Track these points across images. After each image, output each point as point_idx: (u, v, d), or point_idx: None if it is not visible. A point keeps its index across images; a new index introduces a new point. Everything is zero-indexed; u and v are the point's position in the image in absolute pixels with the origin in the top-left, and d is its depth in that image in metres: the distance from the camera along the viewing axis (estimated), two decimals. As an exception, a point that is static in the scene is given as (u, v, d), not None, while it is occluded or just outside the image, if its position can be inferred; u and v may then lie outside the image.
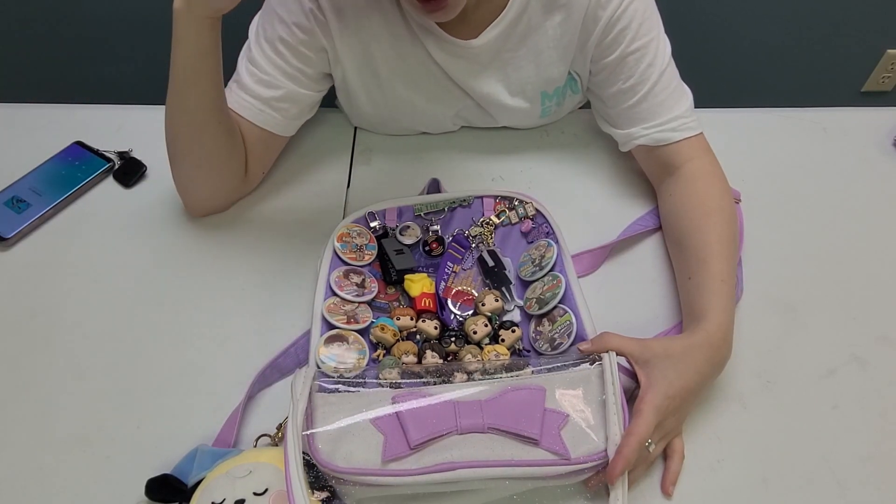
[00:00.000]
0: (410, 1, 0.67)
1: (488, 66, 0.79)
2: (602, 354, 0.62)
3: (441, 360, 0.66)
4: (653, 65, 0.75)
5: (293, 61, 0.76)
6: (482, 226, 0.78)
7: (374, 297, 0.72)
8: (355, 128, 0.92)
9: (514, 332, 0.69)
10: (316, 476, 0.55)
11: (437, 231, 0.77)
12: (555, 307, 0.69)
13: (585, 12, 0.74)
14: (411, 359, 0.66)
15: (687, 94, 0.78)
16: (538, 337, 0.70)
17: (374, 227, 0.77)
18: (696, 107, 0.79)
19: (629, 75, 0.76)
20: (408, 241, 0.76)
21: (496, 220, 0.78)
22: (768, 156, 0.91)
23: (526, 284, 0.74)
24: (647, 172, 0.83)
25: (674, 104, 0.76)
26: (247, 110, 0.76)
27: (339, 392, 0.59)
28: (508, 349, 0.68)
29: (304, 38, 0.75)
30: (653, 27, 0.75)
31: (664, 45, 0.76)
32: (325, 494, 0.55)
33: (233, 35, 0.76)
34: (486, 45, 0.76)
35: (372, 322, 0.69)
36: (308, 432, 0.55)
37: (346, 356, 0.65)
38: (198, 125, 0.72)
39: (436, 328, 0.69)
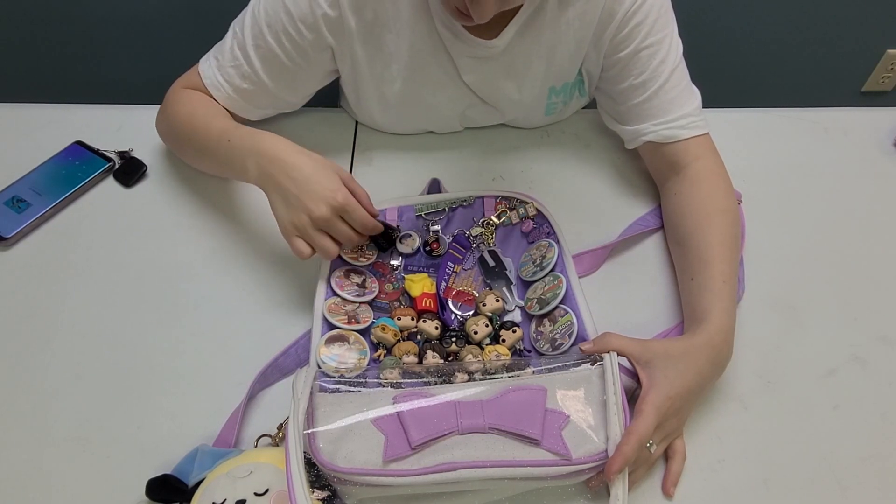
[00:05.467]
0: (447, 9, 0.67)
1: (501, 59, 0.78)
2: (603, 355, 0.62)
3: (442, 361, 0.66)
4: (665, 61, 0.75)
5: (292, 56, 0.74)
6: (483, 226, 0.78)
7: (375, 298, 0.72)
8: (356, 128, 0.92)
9: (514, 332, 0.69)
10: (317, 475, 0.55)
11: (438, 231, 0.77)
12: (556, 307, 0.69)
13: (602, 7, 0.74)
14: (412, 359, 0.66)
15: (696, 94, 0.78)
16: (539, 337, 0.70)
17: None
18: (696, 107, 0.79)
19: (641, 71, 0.76)
20: (405, 249, 0.76)
21: (497, 221, 0.78)
22: (769, 156, 0.91)
23: (527, 285, 0.74)
24: (651, 171, 0.84)
25: (684, 102, 0.77)
26: (216, 90, 0.77)
27: (340, 392, 0.59)
28: (509, 349, 0.68)
29: (310, 37, 0.73)
30: (667, 24, 0.76)
31: (676, 44, 0.77)
32: (325, 494, 0.55)
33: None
34: (504, 42, 0.76)
35: (373, 322, 0.69)
36: (309, 431, 0.55)
37: (347, 356, 0.65)
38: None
39: (437, 328, 0.69)
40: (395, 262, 0.75)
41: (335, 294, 0.70)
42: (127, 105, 0.92)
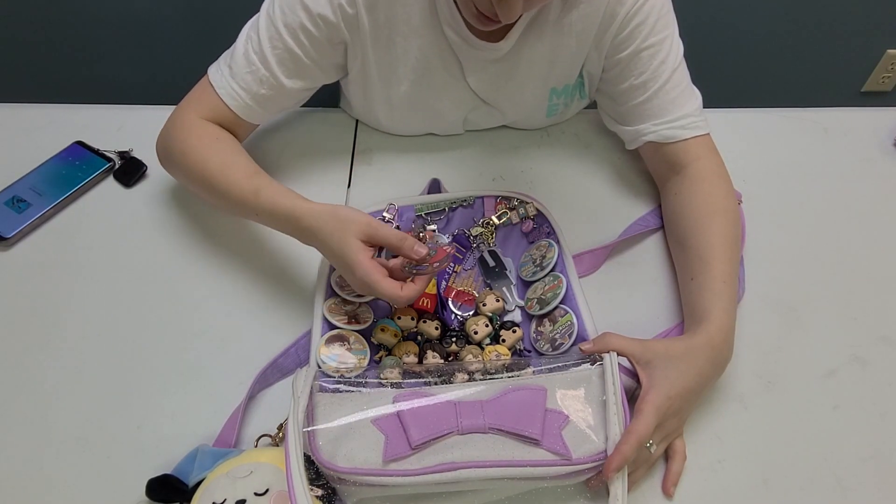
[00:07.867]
0: (469, 12, 0.67)
1: (505, 61, 0.79)
2: (603, 355, 0.62)
3: (442, 361, 0.66)
4: (665, 62, 0.75)
5: (310, 53, 0.74)
6: (483, 226, 0.78)
7: (375, 297, 0.71)
8: (356, 128, 0.92)
9: (514, 332, 0.69)
10: (317, 472, 0.55)
11: (435, 230, 0.77)
12: (556, 307, 0.69)
13: (604, 8, 0.74)
14: (412, 359, 0.66)
15: (697, 95, 0.79)
16: (539, 337, 0.70)
17: (386, 217, 0.76)
18: (695, 107, 0.79)
19: (642, 71, 0.76)
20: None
21: (497, 221, 0.78)
22: (769, 156, 0.91)
23: (527, 285, 0.74)
24: (652, 171, 0.84)
25: (684, 102, 0.77)
26: (233, 100, 0.74)
27: (340, 392, 0.59)
28: (509, 349, 0.68)
29: (327, 31, 0.73)
30: (668, 25, 0.76)
31: (677, 45, 0.77)
32: (324, 491, 0.55)
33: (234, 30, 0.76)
34: (510, 44, 0.76)
35: (373, 322, 0.69)
36: (309, 429, 0.55)
37: (347, 356, 0.65)
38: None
39: (437, 328, 0.69)
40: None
41: (335, 294, 0.70)
42: (127, 105, 0.92)
